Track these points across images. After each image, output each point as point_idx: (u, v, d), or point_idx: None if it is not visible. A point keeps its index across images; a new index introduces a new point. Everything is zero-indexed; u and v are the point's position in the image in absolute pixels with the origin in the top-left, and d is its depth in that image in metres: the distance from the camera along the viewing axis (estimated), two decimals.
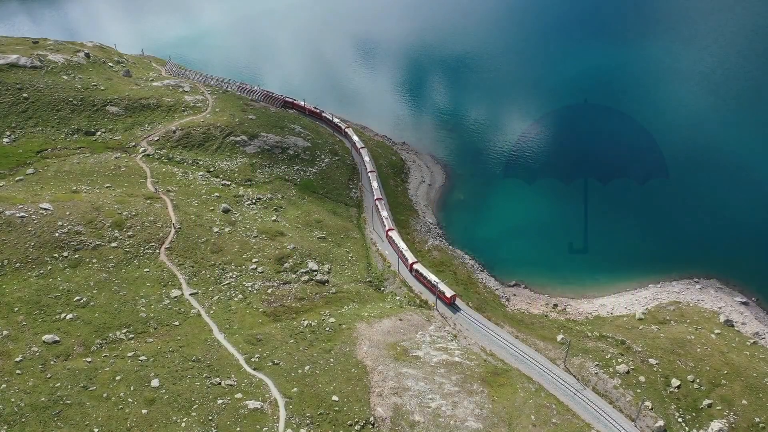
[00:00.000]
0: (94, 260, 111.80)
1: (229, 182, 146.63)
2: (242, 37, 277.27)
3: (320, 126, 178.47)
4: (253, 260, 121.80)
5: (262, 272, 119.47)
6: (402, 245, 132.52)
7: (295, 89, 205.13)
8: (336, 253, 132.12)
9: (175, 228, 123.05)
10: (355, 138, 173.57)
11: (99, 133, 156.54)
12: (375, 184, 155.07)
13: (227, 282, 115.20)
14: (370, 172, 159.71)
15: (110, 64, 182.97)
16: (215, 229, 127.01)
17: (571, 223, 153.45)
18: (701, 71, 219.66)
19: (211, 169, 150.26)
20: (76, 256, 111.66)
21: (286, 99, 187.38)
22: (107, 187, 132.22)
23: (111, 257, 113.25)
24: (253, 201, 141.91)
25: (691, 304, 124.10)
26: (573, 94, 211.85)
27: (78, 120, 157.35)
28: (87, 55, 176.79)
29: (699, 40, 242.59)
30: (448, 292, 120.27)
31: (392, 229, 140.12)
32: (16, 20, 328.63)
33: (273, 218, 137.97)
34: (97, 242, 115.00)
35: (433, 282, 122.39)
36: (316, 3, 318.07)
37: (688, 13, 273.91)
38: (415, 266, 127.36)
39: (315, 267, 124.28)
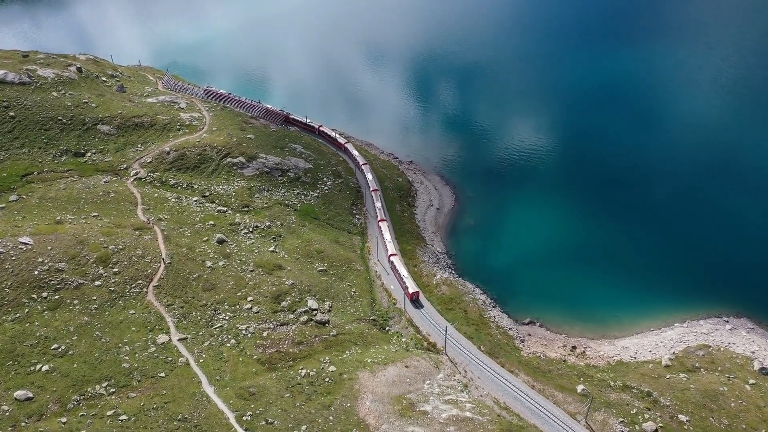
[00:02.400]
0: (76, 301, 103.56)
1: (225, 208, 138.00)
2: (244, 45, 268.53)
3: (323, 145, 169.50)
4: (248, 298, 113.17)
5: (257, 312, 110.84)
6: (387, 236, 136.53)
7: (297, 104, 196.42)
8: (338, 288, 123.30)
9: (164, 263, 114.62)
10: (335, 134, 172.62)
11: (89, 154, 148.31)
12: (369, 176, 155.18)
13: (219, 324, 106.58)
14: (363, 165, 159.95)
15: (103, 78, 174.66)
16: (208, 264, 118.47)
17: (588, 252, 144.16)
18: (723, 84, 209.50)
19: (207, 194, 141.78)
20: (57, 296, 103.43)
21: (288, 116, 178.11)
22: (94, 216, 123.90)
23: (94, 298, 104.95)
24: (250, 229, 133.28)
25: (721, 349, 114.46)
26: (591, 108, 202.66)
27: (67, 140, 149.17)
28: (79, 70, 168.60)
29: (719, 49, 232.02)
30: (411, 288, 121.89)
31: (383, 220, 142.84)
32: (17, 24, 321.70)
33: (271, 249, 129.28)
34: (80, 281, 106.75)
35: (403, 276, 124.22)
36: (320, 8, 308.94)
37: (706, 20, 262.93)
38: (392, 258, 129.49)
39: (315, 305, 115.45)
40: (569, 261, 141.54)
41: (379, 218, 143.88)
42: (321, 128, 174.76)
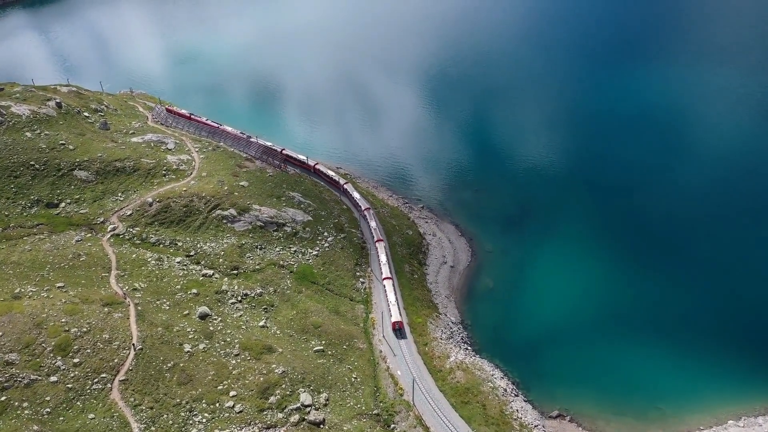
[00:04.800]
0: (26, 404, 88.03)
1: (211, 272, 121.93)
2: (249, 65, 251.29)
3: (323, 191, 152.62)
4: (231, 393, 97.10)
5: (240, 412, 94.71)
6: (383, 258, 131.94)
7: (299, 141, 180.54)
8: (336, 374, 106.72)
9: (134, 349, 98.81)
10: (303, 157, 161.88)
11: (63, 205, 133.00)
12: (373, 224, 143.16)
13: (194, 431, 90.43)
14: (365, 209, 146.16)
15: (86, 113, 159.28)
16: (187, 348, 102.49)
17: (623, 320, 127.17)
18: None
19: (192, 253, 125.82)
20: (3, 398, 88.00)
21: (287, 154, 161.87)
22: (59, 287, 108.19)
23: (47, 398, 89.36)
24: (239, 298, 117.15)
25: None
26: (622, 141, 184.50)
27: (39, 188, 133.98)
28: (58, 105, 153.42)
29: (762, 76, 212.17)
30: (394, 317, 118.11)
31: (380, 240, 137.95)
32: (19, 34, 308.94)
33: (261, 323, 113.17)
34: (33, 376, 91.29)
35: (389, 302, 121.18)
36: (328, 28, 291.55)
37: (746, 41, 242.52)
38: (384, 281, 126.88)
39: (308, 400, 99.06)
40: (601, 332, 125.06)
41: (376, 238, 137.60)
42: (317, 167, 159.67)
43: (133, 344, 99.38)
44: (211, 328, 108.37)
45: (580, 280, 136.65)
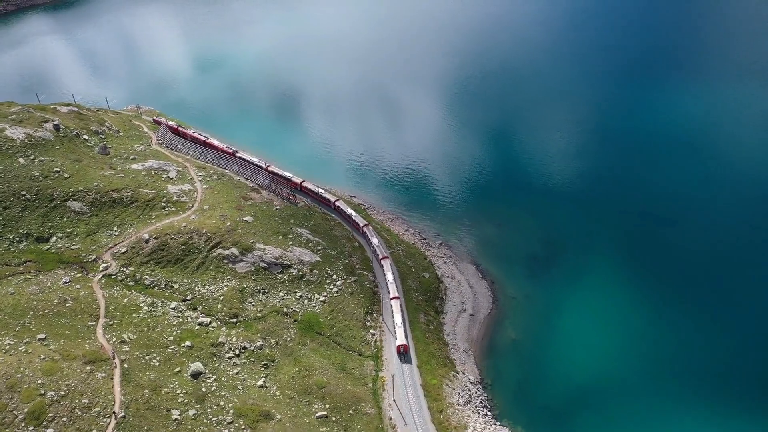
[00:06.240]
0: None
1: (208, 320, 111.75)
2: (264, 77, 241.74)
3: (334, 226, 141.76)
4: None
5: None
6: (389, 277, 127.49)
7: (306, 166, 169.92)
8: None
9: (116, 418, 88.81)
10: (289, 174, 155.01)
11: (54, 239, 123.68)
12: (375, 240, 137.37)
13: None
14: (364, 226, 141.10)
15: (85, 136, 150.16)
16: (175, 414, 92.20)
17: (670, 378, 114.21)
18: None
19: (188, 298, 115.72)
20: None
21: (272, 171, 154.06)
22: (39, 340, 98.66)
23: None
24: (237, 353, 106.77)
25: None
26: (666, 162, 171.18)
27: (30, 221, 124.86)
28: (56, 127, 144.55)
29: None
30: (399, 341, 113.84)
31: (386, 258, 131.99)
32: (32, 41, 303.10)
33: (260, 382, 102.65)
34: None
35: (395, 324, 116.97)
36: (351, 37, 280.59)
37: None
38: (392, 301, 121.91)
39: None
40: (642, 392, 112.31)
41: (381, 256, 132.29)
42: (304, 184, 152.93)
43: (114, 412, 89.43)
44: (203, 389, 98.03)
45: (617, 331, 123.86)
